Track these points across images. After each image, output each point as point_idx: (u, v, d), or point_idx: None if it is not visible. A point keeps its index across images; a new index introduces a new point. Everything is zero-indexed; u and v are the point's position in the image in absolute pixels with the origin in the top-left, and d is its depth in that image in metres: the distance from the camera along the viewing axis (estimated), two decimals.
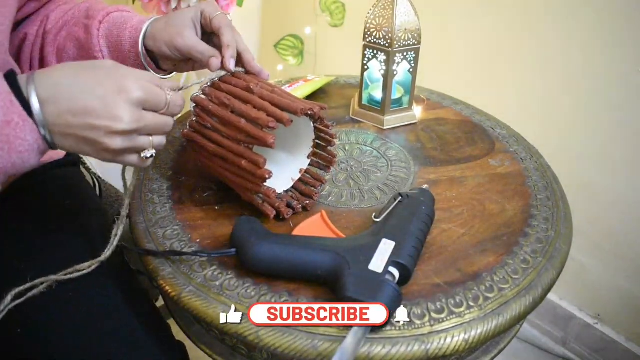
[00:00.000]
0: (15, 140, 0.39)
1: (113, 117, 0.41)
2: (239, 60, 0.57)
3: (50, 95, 0.40)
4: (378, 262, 0.44)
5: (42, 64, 0.63)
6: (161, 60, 0.61)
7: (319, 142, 0.59)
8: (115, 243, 0.50)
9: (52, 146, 0.42)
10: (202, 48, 0.56)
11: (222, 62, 0.56)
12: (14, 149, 0.39)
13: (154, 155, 0.46)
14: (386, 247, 0.46)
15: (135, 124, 0.42)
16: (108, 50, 0.60)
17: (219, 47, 0.57)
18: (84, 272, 0.50)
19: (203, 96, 0.55)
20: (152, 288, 0.70)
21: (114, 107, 0.41)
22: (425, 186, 0.57)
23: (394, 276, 0.45)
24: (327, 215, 0.54)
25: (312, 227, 0.53)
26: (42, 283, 0.49)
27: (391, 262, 0.45)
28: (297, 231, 0.52)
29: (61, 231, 0.57)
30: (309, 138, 0.59)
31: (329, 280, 0.46)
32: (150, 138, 0.45)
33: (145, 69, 0.60)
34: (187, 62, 0.61)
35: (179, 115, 0.61)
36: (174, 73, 0.64)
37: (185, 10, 0.58)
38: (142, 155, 0.45)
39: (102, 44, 0.59)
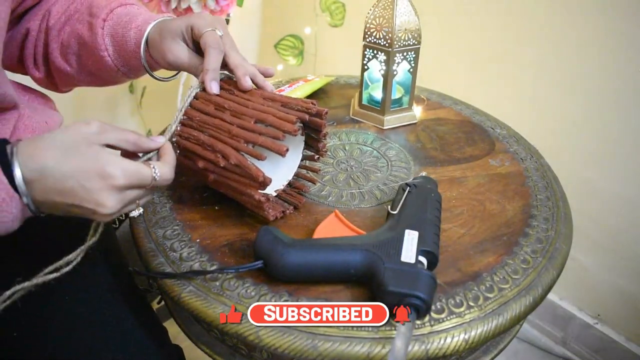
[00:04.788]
0: (1, 213, 0.40)
1: (97, 203, 0.42)
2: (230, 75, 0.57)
3: (35, 177, 0.41)
4: (408, 253, 0.45)
5: (47, 60, 0.62)
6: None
7: (310, 134, 0.58)
8: (100, 230, 0.49)
9: (36, 213, 0.43)
10: (194, 62, 0.56)
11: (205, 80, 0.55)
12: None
13: (142, 212, 0.47)
14: (411, 237, 0.47)
15: (119, 206, 0.43)
16: (113, 49, 0.59)
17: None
18: (73, 263, 0.48)
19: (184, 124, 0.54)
20: (150, 290, 0.70)
21: (97, 195, 0.41)
22: (423, 173, 0.59)
23: (423, 264, 0.46)
24: (341, 214, 0.54)
25: (329, 228, 0.53)
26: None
27: (420, 251, 0.46)
28: (317, 234, 0.52)
29: (61, 233, 0.57)
30: (300, 138, 0.58)
31: (363, 277, 0.46)
32: (137, 201, 0.46)
33: (147, 70, 0.60)
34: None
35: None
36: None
37: (176, 20, 0.57)
38: (130, 215, 0.46)
39: (107, 42, 0.59)
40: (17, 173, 0.40)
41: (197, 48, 0.57)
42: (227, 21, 1.16)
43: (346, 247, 0.47)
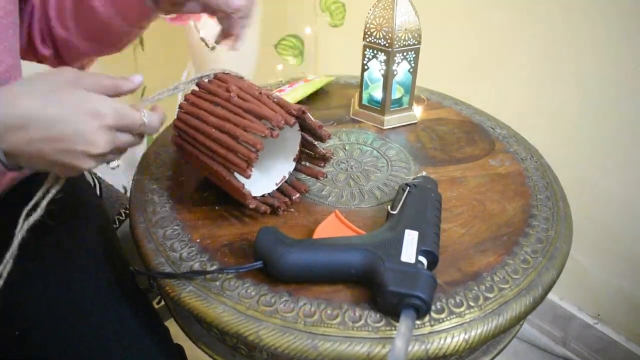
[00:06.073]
0: None
1: (89, 142, 0.41)
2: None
3: (18, 125, 0.39)
4: (408, 253, 0.45)
5: (51, 33, 0.60)
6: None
7: (311, 139, 0.59)
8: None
9: (10, 168, 0.42)
10: None
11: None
12: None
13: (119, 165, 0.47)
14: (411, 237, 0.47)
15: (109, 146, 0.42)
16: None
17: None
18: None
19: (182, 114, 0.55)
20: (151, 290, 0.70)
21: (89, 133, 0.41)
22: (424, 173, 0.59)
23: (423, 264, 0.46)
24: (341, 214, 0.54)
25: (329, 228, 0.53)
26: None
27: (420, 251, 0.46)
28: (317, 234, 0.52)
29: (60, 231, 0.57)
30: (295, 141, 0.59)
31: (363, 277, 0.46)
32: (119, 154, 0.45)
33: (143, 4, 0.58)
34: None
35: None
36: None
37: None
38: (109, 166, 0.46)
39: None
40: None
41: None
42: None
43: (346, 247, 0.47)
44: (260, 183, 0.57)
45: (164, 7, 0.59)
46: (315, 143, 0.58)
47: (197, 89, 0.56)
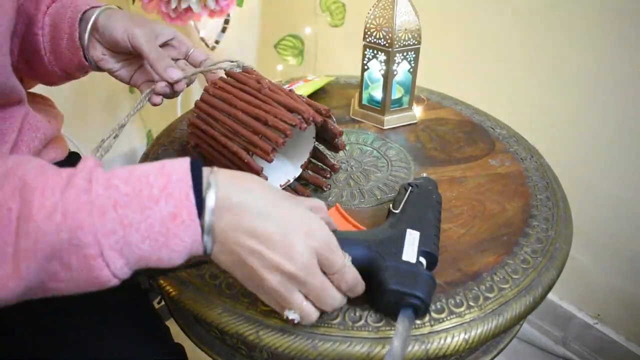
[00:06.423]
0: (173, 238, 0.35)
1: (287, 255, 0.37)
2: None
3: (235, 203, 0.36)
4: (409, 252, 0.45)
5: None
6: (103, 55, 0.59)
7: (322, 149, 0.59)
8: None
9: (208, 253, 0.38)
10: (158, 49, 0.57)
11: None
12: (168, 245, 0.35)
13: (298, 322, 0.40)
14: (413, 237, 0.47)
15: (303, 272, 0.37)
16: (49, 29, 0.56)
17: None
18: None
19: (212, 91, 0.56)
20: (151, 290, 0.69)
21: (294, 246, 0.37)
22: (424, 174, 0.60)
23: (422, 264, 0.46)
24: (342, 208, 0.54)
25: None
26: None
27: (420, 251, 0.46)
28: None
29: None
30: (307, 148, 0.59)
31: (363, 274, 0.45)
32: (304, 302, 0.39)
33: (76, 55, 0.57)
34: (128, 63, 0.60)
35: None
36: None
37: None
38: (285, 313, 0.40)
39: (47, 21, 0.56)
40: (211, 196, 0.35)
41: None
42: (227, 21, 1.16)
43: (347, 242, 0.46)
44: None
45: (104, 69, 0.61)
46: (326, 153, 0.59)
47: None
